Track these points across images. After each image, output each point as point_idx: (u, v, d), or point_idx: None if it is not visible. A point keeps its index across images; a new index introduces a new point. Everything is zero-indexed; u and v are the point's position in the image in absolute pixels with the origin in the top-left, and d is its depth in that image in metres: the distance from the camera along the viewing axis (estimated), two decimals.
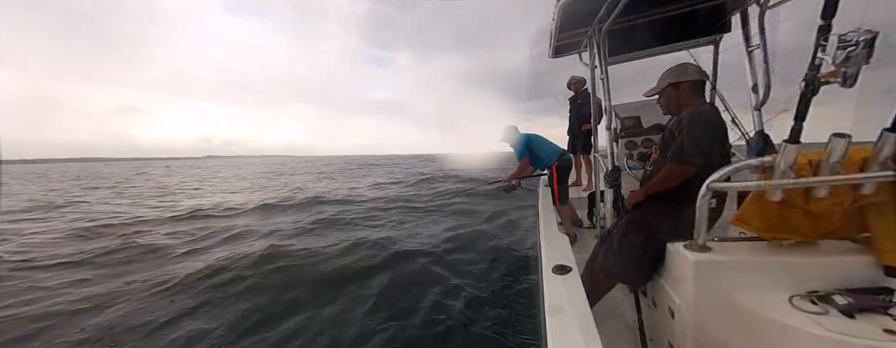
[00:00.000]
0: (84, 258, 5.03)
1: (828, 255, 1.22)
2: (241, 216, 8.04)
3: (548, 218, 2.17)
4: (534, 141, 3.39)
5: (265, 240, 5.48)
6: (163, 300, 3.55)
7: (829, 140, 1.11)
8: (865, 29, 0.98)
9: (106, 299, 3.62)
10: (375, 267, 4.11)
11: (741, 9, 2.14)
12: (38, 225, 7.60)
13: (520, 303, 3.20)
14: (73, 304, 3.52)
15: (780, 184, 1.16)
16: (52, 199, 12.30)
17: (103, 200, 11.98)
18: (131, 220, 7.62)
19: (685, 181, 1.49)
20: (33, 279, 4.27)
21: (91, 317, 3.25)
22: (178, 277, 4.00)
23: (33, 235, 6.55)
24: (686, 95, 1.64)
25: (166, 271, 4.31)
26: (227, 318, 3.10)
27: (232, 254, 4.73)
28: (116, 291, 3.80)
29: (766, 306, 1.13)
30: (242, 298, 3.47)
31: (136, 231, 6.65)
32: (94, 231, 6.71)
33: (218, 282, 3.84)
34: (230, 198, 11.01)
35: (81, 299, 3.63)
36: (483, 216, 6.74)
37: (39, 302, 3.61)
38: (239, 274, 4.01)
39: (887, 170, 1.05)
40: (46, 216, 8.83)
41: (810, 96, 1.08)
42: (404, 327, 2.87)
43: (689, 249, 1.31)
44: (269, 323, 3.02)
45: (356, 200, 9.57)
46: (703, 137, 1.46)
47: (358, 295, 3.44)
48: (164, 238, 6.04)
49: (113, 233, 6.53)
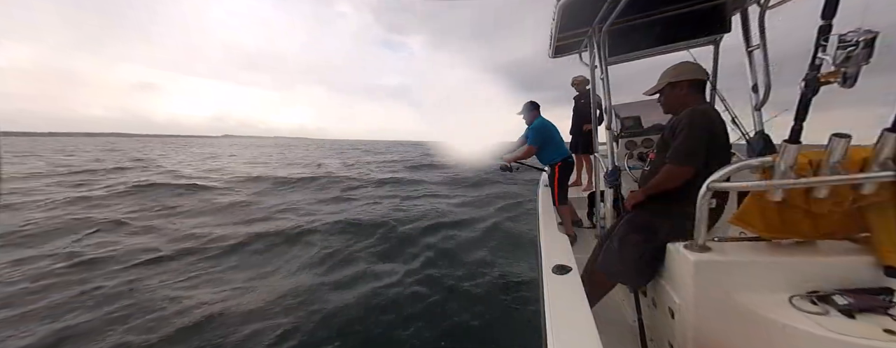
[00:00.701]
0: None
1: (828, 255, 1.22)
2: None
3: (548, 218, 2.17)
4: (551, 132, 3.23)
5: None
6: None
7: (829, 140, 1.11)
8: (865, 29, 0.98)
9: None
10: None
11: (741, 9, 2.14)
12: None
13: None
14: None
15: (781, 184, 1.16)
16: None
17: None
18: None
19: (685, 181, 1.49)
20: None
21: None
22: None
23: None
24: (685, 94, 1.63)
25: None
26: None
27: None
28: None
29: (766, 306, 1.12)
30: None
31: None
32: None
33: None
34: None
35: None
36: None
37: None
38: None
39: (887, 170, 1.05)
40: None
41: (810, 96, 1.08)
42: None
43: (689, 249, 1.31)
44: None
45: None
46: (701, 138, 1.46)
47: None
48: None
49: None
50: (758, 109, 2.16)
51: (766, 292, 1.18)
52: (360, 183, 10.83)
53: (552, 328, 1.02)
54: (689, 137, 1.46)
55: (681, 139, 1.48)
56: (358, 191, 9.40)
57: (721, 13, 2.22)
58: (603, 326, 1.00)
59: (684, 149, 1.47)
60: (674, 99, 1.67)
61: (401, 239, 5.08)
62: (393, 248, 4.73)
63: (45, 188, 9.40)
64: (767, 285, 1.20)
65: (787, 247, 1.29)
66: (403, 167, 16.41)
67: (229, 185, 10.11)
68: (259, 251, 4.72)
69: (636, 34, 2.37)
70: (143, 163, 17.33)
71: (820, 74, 1.07)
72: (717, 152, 1.49)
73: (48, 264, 4.12)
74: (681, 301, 1.35)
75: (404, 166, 16.81)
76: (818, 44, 1.05)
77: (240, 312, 3.10)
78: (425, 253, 4.48)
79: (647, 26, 2.31)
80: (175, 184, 9.68)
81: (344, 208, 7.29)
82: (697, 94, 1.63)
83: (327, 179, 11.37)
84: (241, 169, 15.04)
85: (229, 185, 10.11)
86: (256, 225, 5.97)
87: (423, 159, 20.46)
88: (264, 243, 4.97)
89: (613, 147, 2.16)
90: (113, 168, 14.73)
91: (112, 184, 10.07)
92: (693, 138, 1.46)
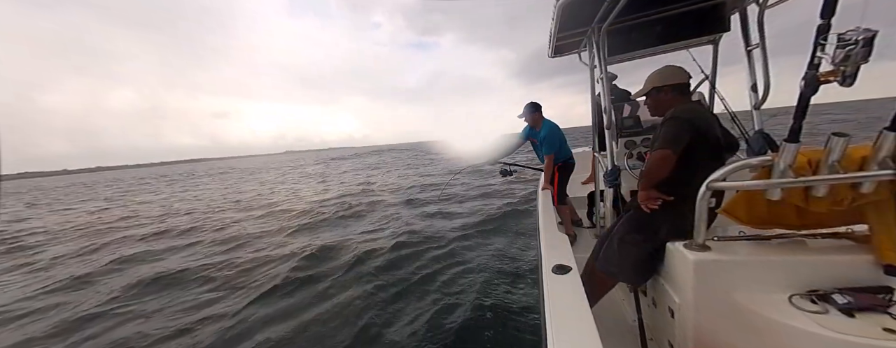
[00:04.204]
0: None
1: (827, 254, 1.22)
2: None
3: (548, 218, 2.17)
4: (559, 136, 3.17)
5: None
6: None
7: (828, 139, 1.11)
8: (864, 27, 0.98)
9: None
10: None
11: (740, 8, 2.14)
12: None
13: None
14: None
15: (780, 183, 1.16)
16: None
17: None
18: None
19: (685, 181, 1.48)
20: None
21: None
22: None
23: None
24: (669, 98, 1.68)
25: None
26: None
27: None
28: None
29: (766, 305, 1.12)
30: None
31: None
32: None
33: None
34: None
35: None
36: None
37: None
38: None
39: (886, 168, 1.05)
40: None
41: (810, 95, 1.08)
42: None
43: (688, 249, 1.31)
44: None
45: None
46: (681, 127, 1.49)
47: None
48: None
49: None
50: (757, 109, 2.16)
51: (766, 291, 1.18)
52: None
53: (552, 328, 1.02)
54: (668, 126, 1.52)
55: (661, 130, 1.55)
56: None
57: (720, 12, 2.22)
58: (603, 326, 0.99)
59: (662, 136, 1.51)
60: (659, 102, 1.72)
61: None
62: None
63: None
64: (767, 284, 1.20)
65: (787, 245, 1.29)
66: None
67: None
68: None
69: (635, 34, 2.37)
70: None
71: (819, 73, 1.06)
72: (706, 147, 1.50)
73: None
74: (681, 300, 1.35)
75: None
76: (817, 42, 1.05)
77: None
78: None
79: (646, 26, 2.31)
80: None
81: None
82: (681, 96, 1.68)
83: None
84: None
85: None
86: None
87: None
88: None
89: (613, 146, 2.15)
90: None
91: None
92: (671, 127, 1.51)
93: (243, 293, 3.90)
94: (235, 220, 8.42)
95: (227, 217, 9.07)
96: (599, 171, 2.49)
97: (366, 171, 20.25)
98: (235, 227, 7.55)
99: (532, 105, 3.24)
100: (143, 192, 20.96)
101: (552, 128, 3.15)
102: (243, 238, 6.48)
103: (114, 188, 29.05)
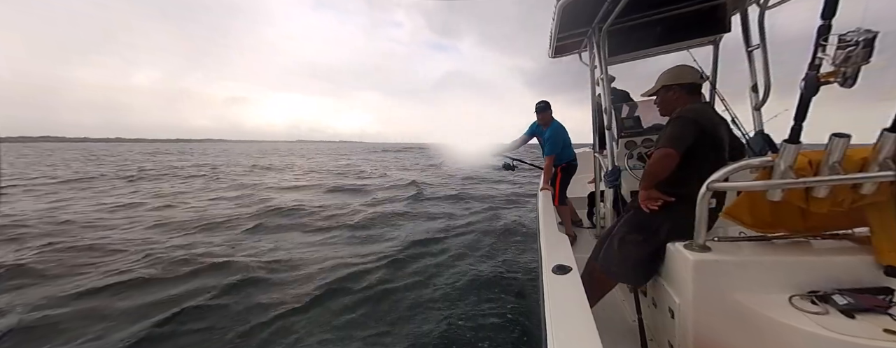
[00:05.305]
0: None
1: (828, 255, 1.22)
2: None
3: (548, 218, 2.17)
4: (564, 137, 3.21)
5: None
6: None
7: (829, 140, 1.11)
8: (865, 29, 0.98)
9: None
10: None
11: (741, 9, 2.14)
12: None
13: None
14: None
15: (780, 184, 1.16)
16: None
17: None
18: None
19: (686, 181, 1.48)
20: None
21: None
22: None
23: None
24: (679, 97, 1.66)
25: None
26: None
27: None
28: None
29: (766, 306, 1.12)
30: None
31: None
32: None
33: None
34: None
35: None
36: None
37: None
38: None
39: (887, 169, 1.05)
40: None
41: (810, 96, 1.08)
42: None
43: (688, 249, 1.31)
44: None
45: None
46: (686, 127, 1.49)
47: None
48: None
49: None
50: (757, 109, 2.16)
51: (766, 292, 1.18)
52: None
53: (552, 328, 1.02)
54: (673, 125, 1.52)
55: (666, 129, 1.55)
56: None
57: (721, 13, 2.22)
58: (603, 326, 0.99)
59: (667, 134, 1.51)
60: (669, 101, 1.71)
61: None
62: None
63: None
64: (767, 285, 1.19)
65: (787, 246, 1.29)
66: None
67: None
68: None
69: (636, 34, 2.37)
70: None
71: (819, 74, 1.06)
72: (710, 148, 1.50)
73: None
74: (681, 301, 1.34)
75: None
76: (818, 43, 1.05)
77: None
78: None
79: (646, 26, 2.31)
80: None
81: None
82: (690, 96, 1.67)
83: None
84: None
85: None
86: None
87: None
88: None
89: (613, 147, 2.15)
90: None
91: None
92: (676, 126, 1.51)
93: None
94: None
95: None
96: (600, 172, 2.49)
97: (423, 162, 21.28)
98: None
99: (543, 103, 3.26)
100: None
101: (557, 130, 3.17)
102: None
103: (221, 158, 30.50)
